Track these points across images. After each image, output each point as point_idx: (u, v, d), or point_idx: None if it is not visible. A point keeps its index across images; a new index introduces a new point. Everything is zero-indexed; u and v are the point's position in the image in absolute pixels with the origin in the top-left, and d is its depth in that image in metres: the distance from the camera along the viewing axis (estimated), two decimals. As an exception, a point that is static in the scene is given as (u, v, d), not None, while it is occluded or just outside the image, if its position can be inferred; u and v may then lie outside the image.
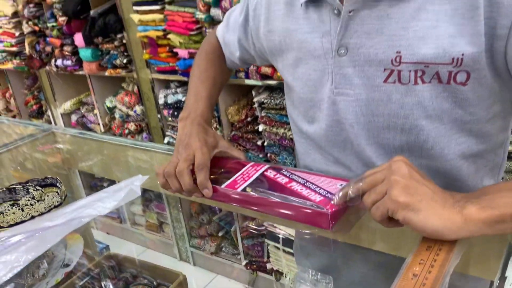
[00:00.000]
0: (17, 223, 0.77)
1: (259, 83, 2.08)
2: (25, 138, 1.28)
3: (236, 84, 2.19)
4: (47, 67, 3.21)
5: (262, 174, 0.80)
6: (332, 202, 0.67)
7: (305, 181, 0.75)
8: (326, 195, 0.70)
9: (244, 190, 0.75)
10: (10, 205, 0.77)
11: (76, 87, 3.33)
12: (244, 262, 2.37)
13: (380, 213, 0.59)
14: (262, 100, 2.08)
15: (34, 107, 3.76)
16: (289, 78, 0.84)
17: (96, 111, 3.10)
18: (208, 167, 0.81)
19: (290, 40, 0.79)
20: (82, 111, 3.31)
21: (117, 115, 2.95)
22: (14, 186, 0.86)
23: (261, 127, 2.15)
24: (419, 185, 0.58)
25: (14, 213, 0.76)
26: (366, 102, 0.72)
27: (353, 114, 0.74)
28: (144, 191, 1.02)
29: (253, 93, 2.16)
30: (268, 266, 2.16)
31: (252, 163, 0.83)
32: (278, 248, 2.17)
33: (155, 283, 1.03)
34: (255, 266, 2.24)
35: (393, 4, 0.67)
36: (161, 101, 2.56)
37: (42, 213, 0.80)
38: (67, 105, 3.32)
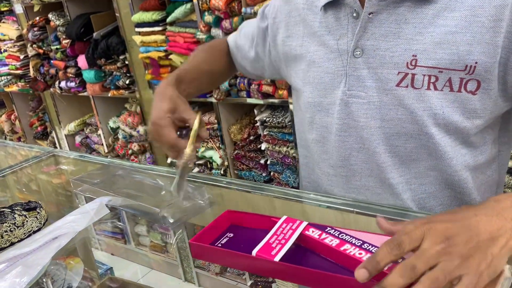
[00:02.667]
0: None
1: (261, 101, 2.08)
2: (29, 160, 1.29)
3: (238, 103, 2.19)
4: (51, 89, 3.24)
5: (302, 233, 0.64)
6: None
7: (361, 242, 0.59)
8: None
9: (284, 259, 0.58)
10: None
11: (80, 109, 3.35)
12: (249, 283, 2.33)
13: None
14: (264, 118, 2.08)
15: (39, 128, 3.78)
16: (300, 84, 0.84)
17: (99, 132, 3.11)
18: (160, 124, 0.76)
19: (306, 43, 0.81)
20: (86, 132, 3.32)
21: (120, 136, 2.96)
22: (3, 209, 0.85)
23: (263, 146, 2.14)
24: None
25: None
26: (378, 105, 0.73)
27: (365, 117, 0.74)
28: (140, 214, 1.01)
29: (255, 111, 2.16)
30: (274, 286, 2.13)
31: (285, 217, 0.67)
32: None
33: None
34: (260, 286, 2.21)
35: (412, 10, 0.69)
36: (163, 121, 2.57)
37: (22, 239, 0.78)
38: (71, 126, 3.33)
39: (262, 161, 2.20)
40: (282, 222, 0.66)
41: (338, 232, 0.63)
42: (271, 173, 2.19)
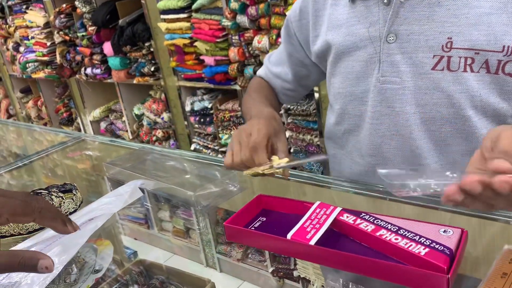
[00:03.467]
0: (35, 230, 0.78)
1: (286, 89, 2.07)
2: (56, 146, 1.31)
3: (262, 90, 2.19)
4: (77, 76, 3.29)
5: (337, 219, 0.63)
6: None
7: (397, 227, 0.59)
8: (432, 245, 0.54)
9: (319, 242, 0.58)
10: None
11: (105, 95, 3.39)
12: (270, 269, 2.35)
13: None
14: (288, 106, 2.07)
15: (65, 114, 3.85)
16: (329, 76, 0.85)
17: (124, 118, 3.15)
18: (263, 147, 0.71)
19: (333, 36, 0.81)
20: (111, 118, 3.37)
21: (145, 122, 2.99)
22: (40, 191, 0.87)
23: (287, 134, 2.14)
24: None
25: None
26: (412, 90, 0.73)
27: (400, 102, 0.74)
28: (172, 197, 1.02)
29: (279, 99, 2.15)
30: (295, 273, 2.14)
31: (318, 203, 0.67)
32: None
33: (184, 290, 1.03)
34: (281, 273, 2.22)
35: None
36: (187, 108, 2.58)
37: None
38: (96, 113, 3.38)
39: (285, 149, 2.20)
40: (316, 207, 0.66)
41: (373, 218, 0.62)
42: (295, 161, 2.19)
